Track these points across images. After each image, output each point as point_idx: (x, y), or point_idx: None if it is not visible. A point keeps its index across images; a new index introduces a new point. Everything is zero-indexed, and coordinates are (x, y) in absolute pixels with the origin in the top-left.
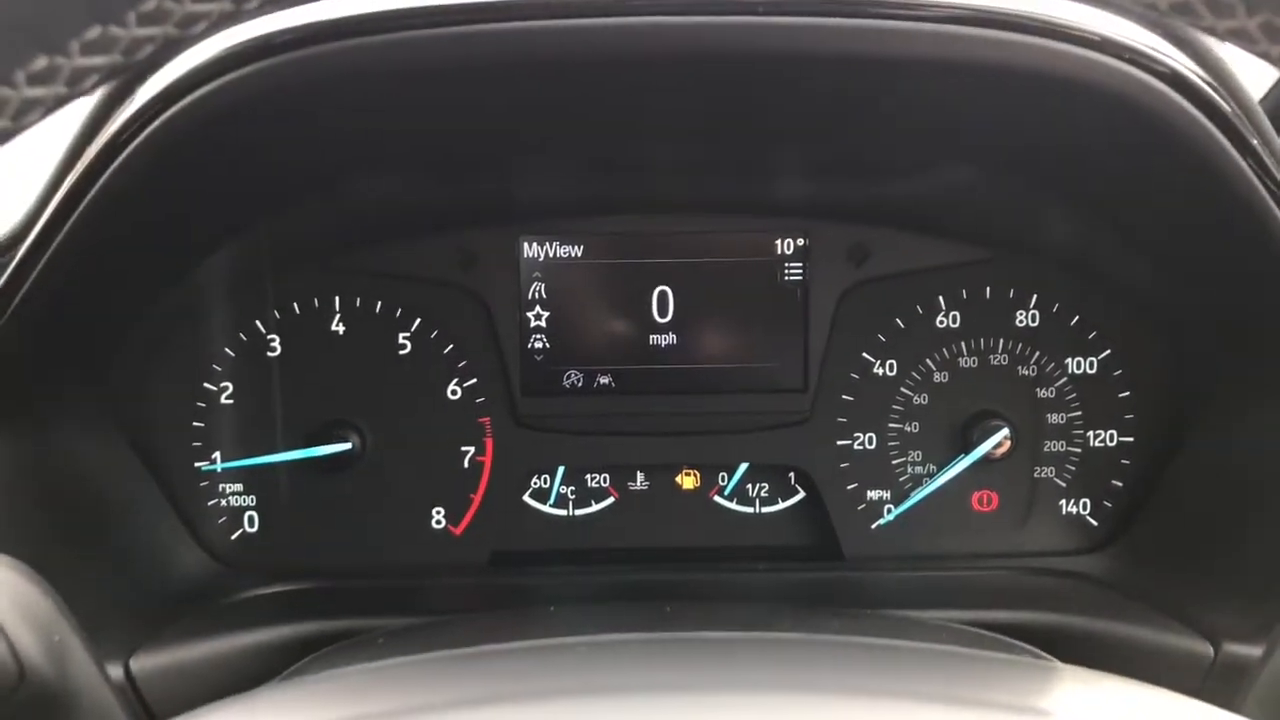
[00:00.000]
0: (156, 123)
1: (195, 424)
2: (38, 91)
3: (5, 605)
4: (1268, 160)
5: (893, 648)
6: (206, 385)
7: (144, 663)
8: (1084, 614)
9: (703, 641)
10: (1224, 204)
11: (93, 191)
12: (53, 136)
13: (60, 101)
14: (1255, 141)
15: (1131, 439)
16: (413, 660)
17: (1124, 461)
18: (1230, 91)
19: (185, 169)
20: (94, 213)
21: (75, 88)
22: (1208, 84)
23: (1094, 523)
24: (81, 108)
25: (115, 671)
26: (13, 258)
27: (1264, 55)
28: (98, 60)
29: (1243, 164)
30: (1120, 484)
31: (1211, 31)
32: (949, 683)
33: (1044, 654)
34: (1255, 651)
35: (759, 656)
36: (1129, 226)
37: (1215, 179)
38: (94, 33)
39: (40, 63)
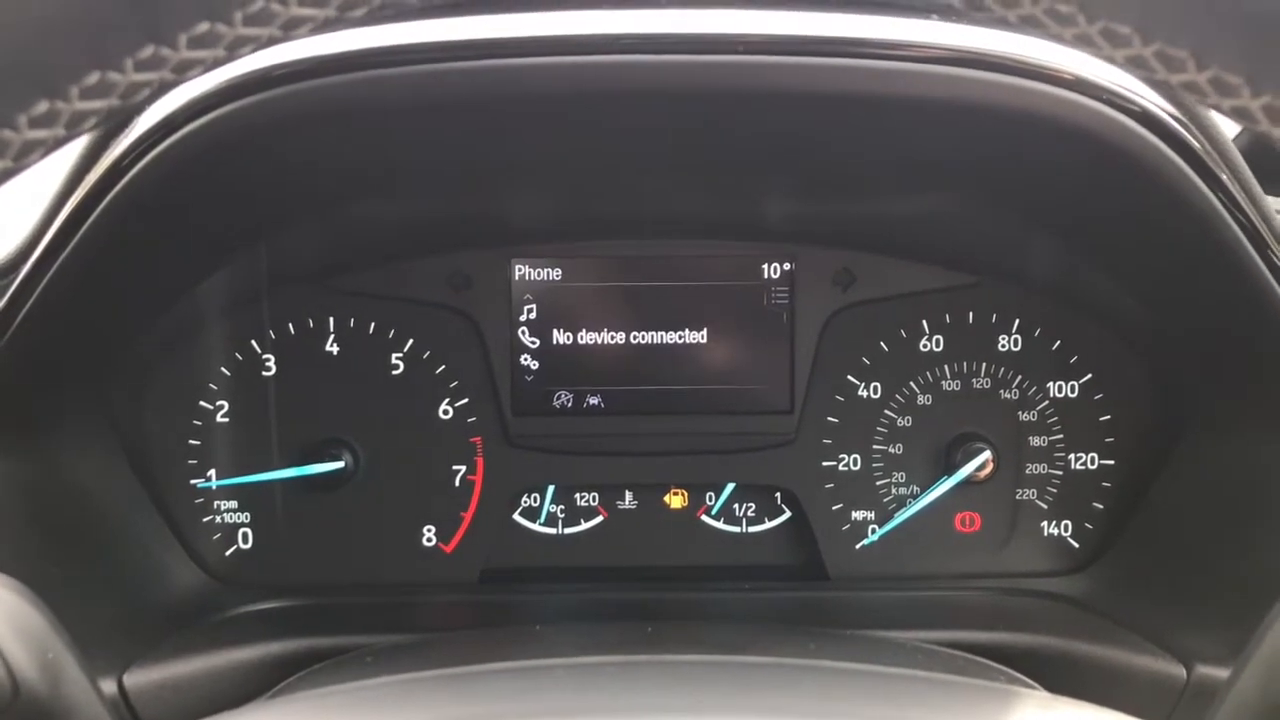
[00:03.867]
0: (157, 149)
1: (191, 442)
2: (38, 134)
3: None
4: (1237, 194)
5: (871, 673)
6: (203, 404)
7: (138, 678)
8: (1062, 635)
9: (680, 665)
10: (1195, 236)
11: (93, 216)
12: (53, 162)
13: (60, 143)
14: (1224, 176)
15: (1112, 462)
16: (398, 680)
17: (1105, 484)
18: (1201, 128)
19: (184, 194)
20: (94, 236)
21: (74, 130)
22: (1178, 121)
23: (1075, 544)
24: (82, 136)
25: (109, 687)
26: (13, 281)
27: (1266, 136)
28: (96, 104)
29: (1212, 198)
30: (1101, 506)
31: (1217, 109)
32: (924, 710)
33: (1021, 676)
34: (1226, 674)
35: (735, 681)
36: (1108, 256)
37: (1186, 213)
38: (93, 78)
39: (41, 106)
